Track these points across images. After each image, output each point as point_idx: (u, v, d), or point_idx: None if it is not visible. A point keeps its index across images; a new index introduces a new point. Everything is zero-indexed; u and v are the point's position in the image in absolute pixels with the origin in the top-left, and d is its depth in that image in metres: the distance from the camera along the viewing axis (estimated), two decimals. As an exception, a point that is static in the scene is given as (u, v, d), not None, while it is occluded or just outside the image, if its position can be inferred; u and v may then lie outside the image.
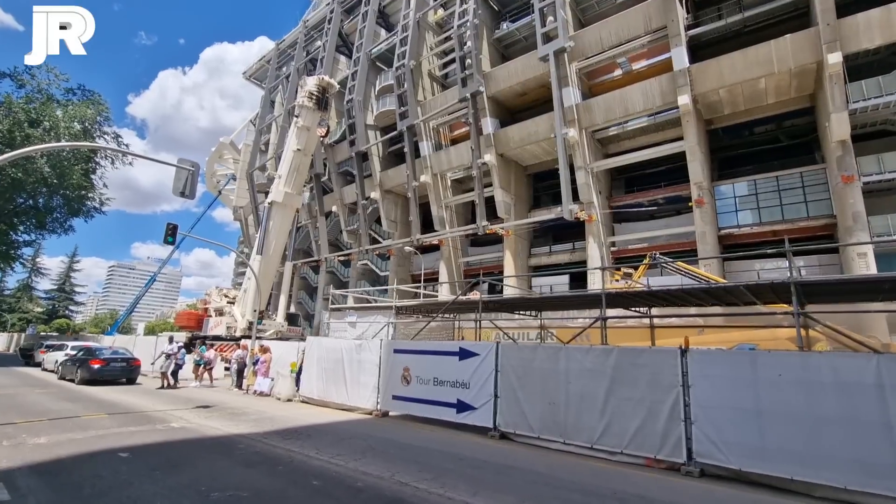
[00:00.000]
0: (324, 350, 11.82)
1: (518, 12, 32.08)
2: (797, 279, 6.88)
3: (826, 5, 19.47)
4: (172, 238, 16.45)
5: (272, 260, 25.23)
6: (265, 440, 7.97)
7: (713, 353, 6.58)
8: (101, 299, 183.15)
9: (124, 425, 8.96)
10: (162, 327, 77.34)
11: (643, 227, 27.62)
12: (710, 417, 6.13)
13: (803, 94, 22.98)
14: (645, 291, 8.80)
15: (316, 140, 27.11)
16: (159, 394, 14.40)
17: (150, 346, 20.53)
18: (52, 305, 60.74)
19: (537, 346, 8.25)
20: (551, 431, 7.63)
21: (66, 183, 20.59)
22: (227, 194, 56.34)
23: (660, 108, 24.38)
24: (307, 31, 45.53)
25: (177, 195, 10.96)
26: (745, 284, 7.73)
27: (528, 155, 30.52)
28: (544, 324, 13.01)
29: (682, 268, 17.09)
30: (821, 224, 22.06)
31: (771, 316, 10.72)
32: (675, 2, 22.70)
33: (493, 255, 32.67)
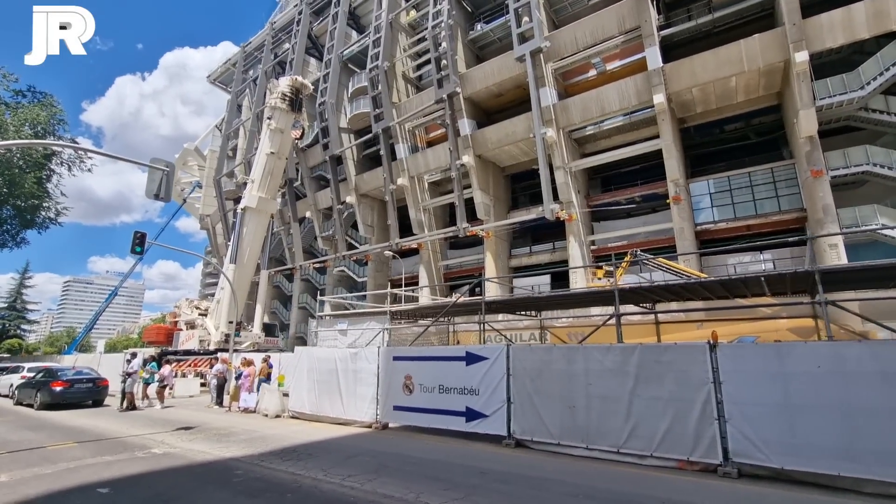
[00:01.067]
0: (315, 361, 11.10)
1: (491, 13, 32.05)
2: (821, 267, 6.77)
3: (791, 6, 20.14)
4: (141, 247, 15.32)
5: (247, 268, 24.12)
6: (263, 463, 7.27)
7: (745, 347, 6.37)
8: (56, 317, 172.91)
9: (98, 454, 8.05)
10: (124, 343, 73.44)
11: (622, 224, 27.91)
12: (745, 414, 5.89)
13: (771, 93, 23.74)
14: (659, 286, 8.60)
15: (290, 142, 26.18)
16: (132, 416, 13.29)
17: (118, 364, 19.10)
18: (3, 325, 56.59)
19: (552, 347, 7.87)
20: (572, 437, 7.25)
21: (17, 192, 18.99)
22: (193, 202, 54.06)
23: (635, 107, 24.72)
24: (274, 33, 44.28)
25: (150, 197, 10.08)
26: (765, 275, 7.61)
27: (506, 156, 30.43)
28: (544, 324, 12.73)
29: (664, 264, 17.19)
30: (792, 217, 22.76)
31: (769, 308, 10.73)
32: (647, 2, 23.08)
33: (473, 257, 32.39)
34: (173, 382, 16.89)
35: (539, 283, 29.13)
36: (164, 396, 15.85)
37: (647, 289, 8.77)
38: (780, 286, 8.34)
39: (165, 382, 16.12)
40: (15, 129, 18.09)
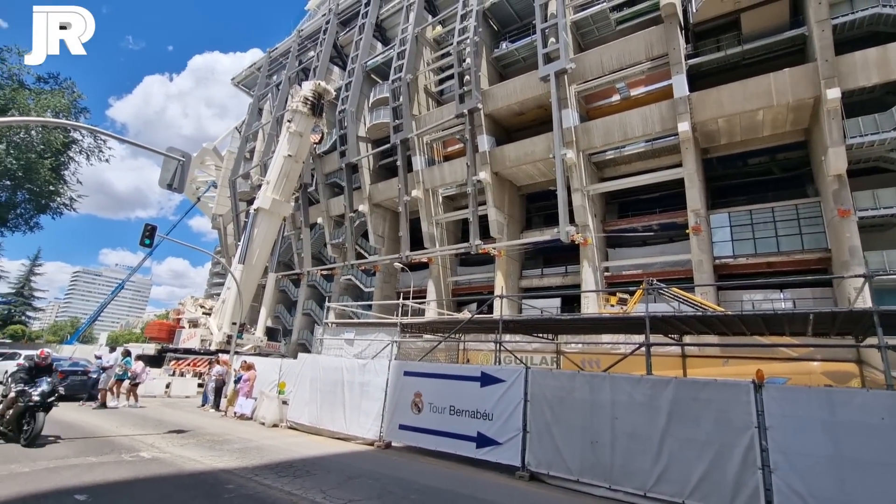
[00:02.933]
0: (320, 370, 10.57)
1: (517, 33, 32.20)
2: (881, 308, 6.22)
3: (825, 42, 19.84)
4: (150, 240, 15.08)
5: (255, 270, 23.78)
6: (257, 477, 6.73)
7: (796, 390, 5.79)
8: (62, 306, 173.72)
9: (83, 454, 7.56)
10: (126, 337, 73.26)
11: (638, 252, 27.37)
12: (794, 466, 5.29)
13: (799, 128, 23.31)
14: (693, 317, 8.05)
15: (308, 146, 26.10)
16: (123, 414, 12.80)
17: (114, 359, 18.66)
18: (8, 310, 56.64)
19: (576, 374, 7.31)
20: (594, 474, 6.65)
21: (33, 177, 18.92)
22: (206, 202, 54.30)
23: (659, 133, 24.38)
24: (301, 40, 44.88)
25: (163, 187, 9.79)
26: (814, 312, 7.05)
27: (523, 175, 30.15)
28: (560, 348, 12.16)
29: (681, 295, 16.59)
30: (816, 257, 22.08)
31: (800, 349, 10.09)
32: (676, 30, 22.94)
33: (483, 275, 31.90)
34: (143, 380, 15.52)
35: (549, 307, 28.50)
36: (135, 394, 14.75)
37: (679, 318, 8.23)
38: (825, 326, 7.77)
39: (137, 380, 14.92)
40: (37, 114, 18.08)
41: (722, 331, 9.29)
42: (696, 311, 10.37)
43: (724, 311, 10.45)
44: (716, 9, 23.23)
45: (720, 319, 7.88)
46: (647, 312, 7.80)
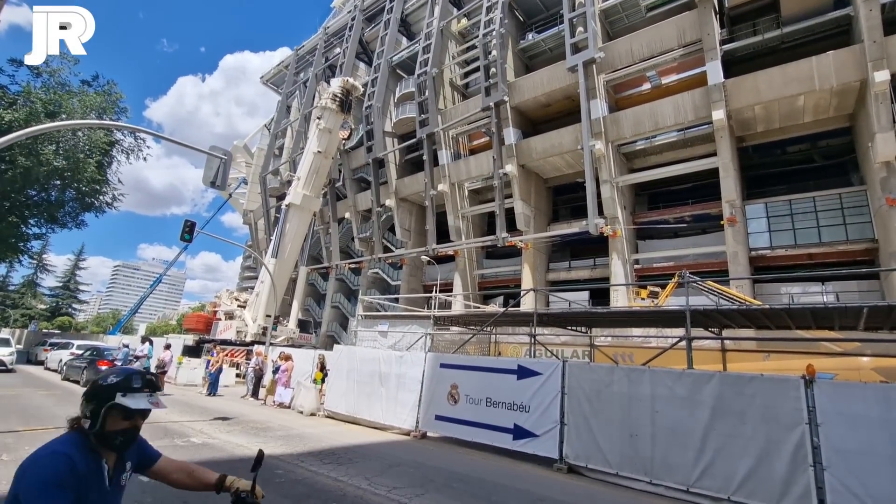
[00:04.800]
0: (357, 361, 10.83)
1: (544, 23, 31.72)
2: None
3: (873, 22, 18.88)
4: (189, 235, 15.67)
5: (287, 263, 24.38)
6: (303, 464, 6.99)
7: (850, 385, 5.64)
8: (104, 299, 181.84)
9: (139, 439, 7.98)
10: (163, 329, 76.19)
11: (668, 245, 26.78)
12: (849, 464, 5.17)
13: (843, 114, 22.29)
14: (735, 310, 7.88)
15: (337, 142, 26.47)
16: (171, 401, 13.40)
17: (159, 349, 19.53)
18: (56, 303, 59.72)
19: (614, 367, 7.30)
20: (634, 468, 6.64)
21: (79, 176, 19.85)
22: (238, 198, 55.74)
23: (692, 122, 23.71)
24: (327, 37, 45.33)
25: (206, 184, 10.16)
26: (869, 305, 6.80)
27: (550, 167, 29.83)
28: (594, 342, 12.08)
29: (716, 288, 16.22)
30: (861, 248, 21.16)
31: (848, 343, 9.76)
32: (711, 15, 22.20)
33: (510, 268, 31.79)
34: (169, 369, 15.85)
35: (578, 300, 28.22)
36: (163, 382, 14.79)
37: (721, 312, 8.06)
38: (879, 320, 7.49)
39: (165, 368, 15.24)
40: (81, 116, 18.91)
41: (764, 324, 9.06)
42: (736, 305, 10.12)
43: (766, 305, 10.18)
44: (753, -9, 22.35)
45: (765, 313, 7.68)
46: (687, 305, 7.69)
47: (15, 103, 17.67)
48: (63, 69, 19.94)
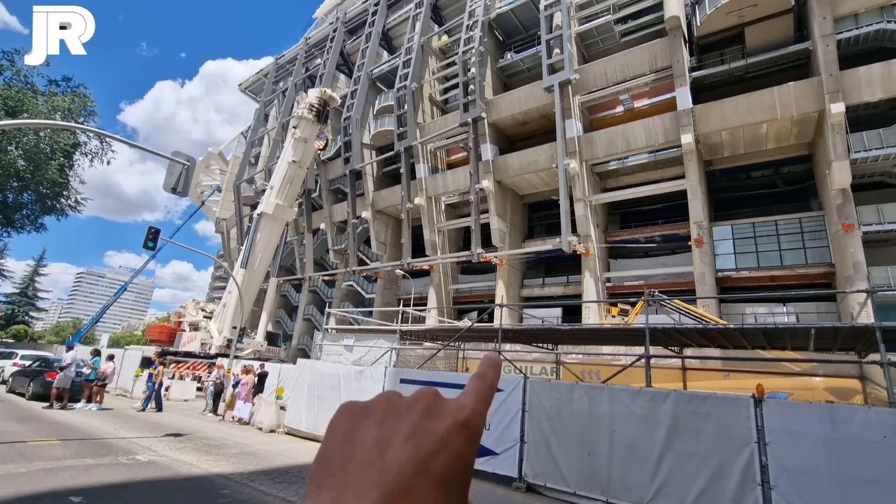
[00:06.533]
0: (317, 376, 10.55)
1: (522, 43, 32.42)
2: (885, 324, 6.17)
3: (829, 56, 19.91)
4: (153, 243, 15.12)
5: (256, 274, 23.84)
6: (252, 483, 6.69)
7: (797, 405, 5.74)
8: (65, 307, 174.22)
9: (79, 456, 7.54)
10: (128, 339, 73.31)
11: (639, 264, 27.31)
12: (795, 482, 5.23)
13: (802, 142, 23.33)
14: (693, 329, 8.00)
15: (313, 152, 26.28)
16: (121, 416, 12.78)
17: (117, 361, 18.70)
18: (11, 310, 56.84)
19: (574, 385, 7.28)
20: (591, 487, 6.59)
21: (40, 178, 19.10)
22: (210, 205, 54.53)
23: (662, 145, 24.43)
24: (308, 48, 45.31)
25: (167, 190, 9.84)
26: (816, 326, 6.99)
27: (526, 184, 30.22)
28: (560, 358, 12.09)
29: (683, 307, 16.53)
30: (819, 272, 21.97)
31: (802, 364, 10.01)
32: (680, 43, 23.05)
33: (485, 283, 31.84)
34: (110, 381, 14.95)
35: (550, 316, 28.41)
36: (102, 396, 14.22)
37: (679, 330, 8.18)
38: (828, 341, 7.71)
39: (106, 381, 14.42)
40: (46, 117, 18.28)
41: (723, 344, 9.22)
42: (696, 324, 10.31)
43: (724, 324, 10.39)
44: (720, 22, 23.36)
45: (721, 332, 7.83)
46: (646, 324, 7.77)
47: (-30, 99, 16.97)
48: (31, 69, 19.33)
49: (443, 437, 0.35)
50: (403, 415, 0.37)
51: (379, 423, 0.36)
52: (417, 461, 0.33)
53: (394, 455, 0.34)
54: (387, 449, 0.34)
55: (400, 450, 0.34)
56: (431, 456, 0.34)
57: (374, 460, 0.34)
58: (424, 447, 0.34)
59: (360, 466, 0.33)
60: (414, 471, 0.33)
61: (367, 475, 0.33)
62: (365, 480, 0.33)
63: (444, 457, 0.34)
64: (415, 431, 0.35)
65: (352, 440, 0.35)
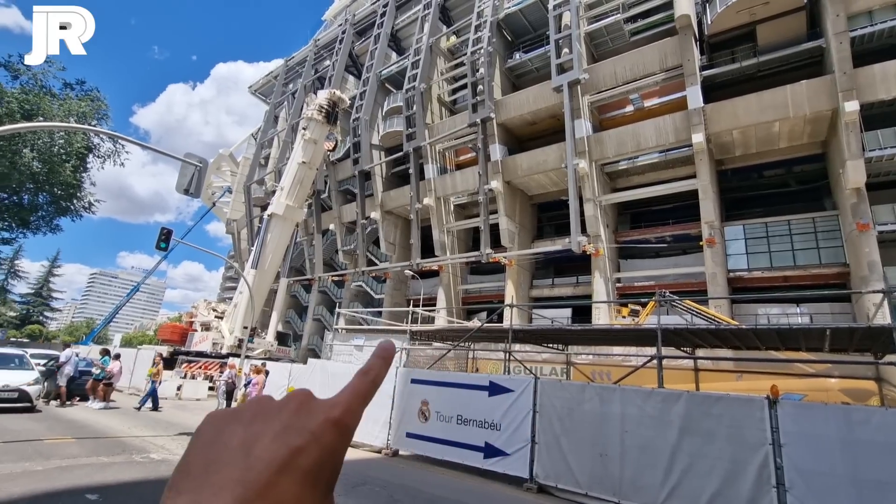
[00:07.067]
0: (328, 375, 10.61)
1: (531, 43, 32.35)
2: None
3: (842, 54, 19.62)
4: (165, 243, 15.30)
5: (267, 274, 24.05)
6: (264, 482, 6.74)
7: (812, 407, 5.67)
8: (78, 307, 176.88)
9: (95, 454, 7.66)
10: (140, 339, 74.24)
11: (650, 264, 27.10)
12: (810, 485, 5.17)
13: (816, 141, 23.01)
14: (706, 330, 7.93)
15: (322, 153, 26.45)
16: (135, 415, 12.96)
17: (130, 360, 18.97)
18: (27, 310, 57.86)
19: (585, 385, 7.25)
20: (603, 488, 6.56)
21: (54, 179, 19.44)
22: (221, 207, 55.07)
23: (672, 144, 24.23)
24: (317, 50, 45.59)
25: (180, 192, 9.96)
26: (831, 327, 6.90)
27: (535, 184, 30.14)
28: (570, 359, 12.04)
29: (694, 308, 16.38)
30: (834, 272, 21.65)
31: (817, 365, 9.88)
32: (691, 42, 22.86)
33: (494, 283, 31.79)
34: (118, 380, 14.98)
35: (560, 317, 28.28)
36: (108, 394, 14.27)
37: (691, 331, 8.11)
38: (843, 342, 7.60)
39: (112, 380, 14.47)
40: (60, 119, 18.58)
41: (735, 345, 9.13)
42: (708, 324, 10.21)
43: (737, 325, 10.29)
44: (731, 20, 23.13)
45: (733, 333, 7.75)
46: (658, 324, 7.71)
47: (-12, 103, 17.31)
48: (46, 72, 19.67)
49: (314, 432, 0.35)
50: (275, 415, 0.37)
51: (247, 425, 0.36)
52: (285, 456, 0.34)
53: (260, 453, 0.34)
54: (253, 448, 0.34)
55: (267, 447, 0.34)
56: (300, 451, 0.34)
57: (237, 460, 0.34)
58: (294, 442, 0.35)
59: (222, 467, 0.33)
60: (280, 465, 0.33)
61: (229, 474, 0.33)
62: (226, 480, 0.32)
63: (314, 451, 0.35)
64: (285, 428, 0.35)
65: (216, 444, 0.35)
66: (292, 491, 0.33)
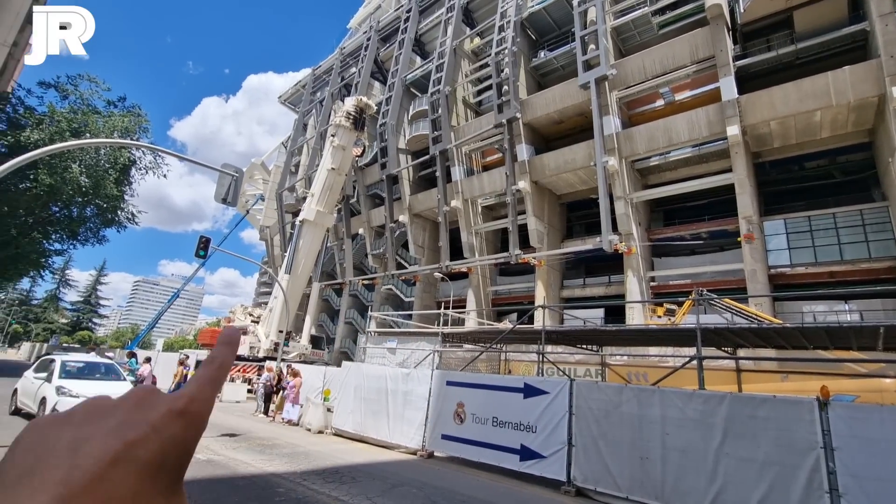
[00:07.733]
0: (364, 378, 10.79)
1: (556, 41, 32.03)
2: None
3: (889, 37, 18.63)
4: (204, 251, 15.93)
5: (300, 279, 24.63)
6: (305, 483, 6.94)
7: (867, 409, 5.40)
8: (123, 313, 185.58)
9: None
10: (181, 344, 77.17)
11: (685, 262, 26.33)
12: (867, 491, 4.93)
13: (861, 129, 21.89)
14: (748, 329, 7.66)
15: (351, 159, 26.90)
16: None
17: (172, 363, 19.76)
18: (77, 317, 61.22)
19: (623, 387, 7.13)
20: (644, 492, 6.43)
21: (100, 192, 20.51)
22: (255, 214, 56.76)
23: (706, 138, 23.52)
24: (343, 57, 46.44)
25: (218, 201, 10.37)
26: (887, 325, 6.55)
27: (563, 183, 29.77)
28: (605, 360, 11.85)
29: (734, 306, 15.81)
30: (885, 266, 20.51)
31: (869, 364, 9.39)
32: (723, 32, 22.15)
33: (523, 284, 31.56)
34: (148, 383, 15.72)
35: (592, 317, 27.80)
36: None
37: (732, 330, 7.84)
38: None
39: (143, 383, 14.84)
40: (106, 135, 19.60)
41: (780, 344, 8.77)
42: (750, 323, 9.83)
43: (781, 323, 9.89)
44: (765, 7, 22.28)
45: (778, 332, 7.45)
46: (697, 324, 7.50)
47: (42, 123, 18.42)
48: (92, 92, 20.81)
49: (155, 424, 0.34)
50: (110, 412, 0.36)
51: (78, 427, 0.34)
52: (119, 450, 0.32)
53: (89, 450, 0.32)
54: (82, 447, 0.32)
55: (98, 444, 0.33)
56: (139, 443, 0.33)
57: (62, 461, 0.32)
58: (130, 435, 0.33)
59: (43, 470, 0.31)
60: (113, 459, 0.32)
61: (51, 476, 0.31)
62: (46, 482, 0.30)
63: (155, 443, 0.33)
64: (121, 424, 0.34)
65: (37, 449, 0.33)
66: (127, 483, 0.31)
